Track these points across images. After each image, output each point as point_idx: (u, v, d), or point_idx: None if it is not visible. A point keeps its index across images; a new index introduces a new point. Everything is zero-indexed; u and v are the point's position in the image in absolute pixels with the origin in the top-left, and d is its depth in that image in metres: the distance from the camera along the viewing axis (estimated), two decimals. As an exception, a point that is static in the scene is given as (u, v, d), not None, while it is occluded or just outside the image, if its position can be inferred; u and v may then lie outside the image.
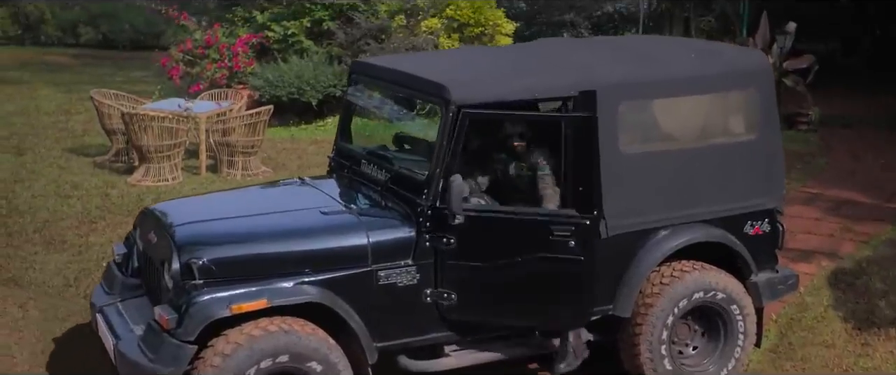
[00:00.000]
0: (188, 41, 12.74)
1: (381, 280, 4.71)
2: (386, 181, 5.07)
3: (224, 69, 12.31)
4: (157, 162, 9.49)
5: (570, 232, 4.62)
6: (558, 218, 4.69)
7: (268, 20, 12.64)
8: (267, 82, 11.94)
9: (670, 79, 5.07)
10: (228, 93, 11.20)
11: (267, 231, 4.76)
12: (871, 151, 11.24)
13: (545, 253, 4.67)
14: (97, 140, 11.09)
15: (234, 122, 9.91)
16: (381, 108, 5.66)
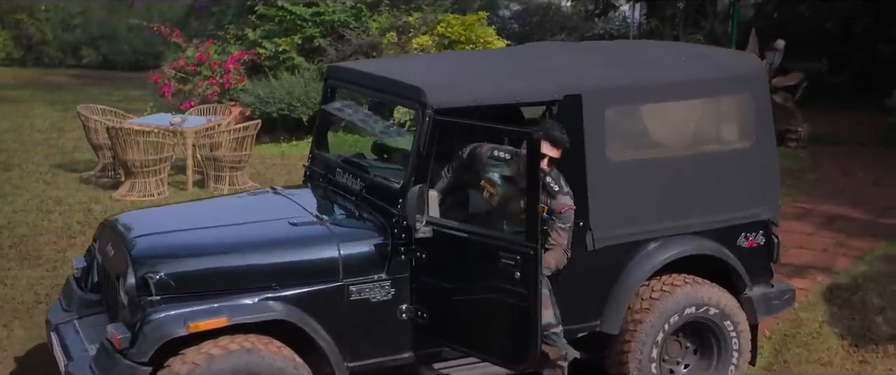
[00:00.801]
0: (181, 58, 12.33)
1: (353, 295, 4.25)
2: (361, 190, 4.63)
3: (215, 86, 11.89)
4: (143, 177, 9.05)
5: (514, 261, 4.03)
6: (506, 244, 4.12)
7: (259, 37, 12.24)
8: (257, 98, 11.54)
9: (660, 83, 4.64)
10: (218, 109, 10.78)
11: (231, 243, 4.31)
12: (861, 167, 10.82)
13: (493, 281, 4.13)
14: (86, 156, 10.66)
15: (222, 137, 9.48)
16: (358, 114, 5.21)
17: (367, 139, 5.37)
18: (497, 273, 4.05)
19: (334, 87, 5.19)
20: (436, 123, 4.20)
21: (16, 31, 20.87)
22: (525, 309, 4.00)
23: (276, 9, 11.96)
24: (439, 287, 4.25)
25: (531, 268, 3.96)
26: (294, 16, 11.86)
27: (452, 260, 4.22)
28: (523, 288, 3.99)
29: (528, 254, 3.96)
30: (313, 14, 11.89)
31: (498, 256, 4.04)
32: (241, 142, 9.49)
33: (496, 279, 4.07)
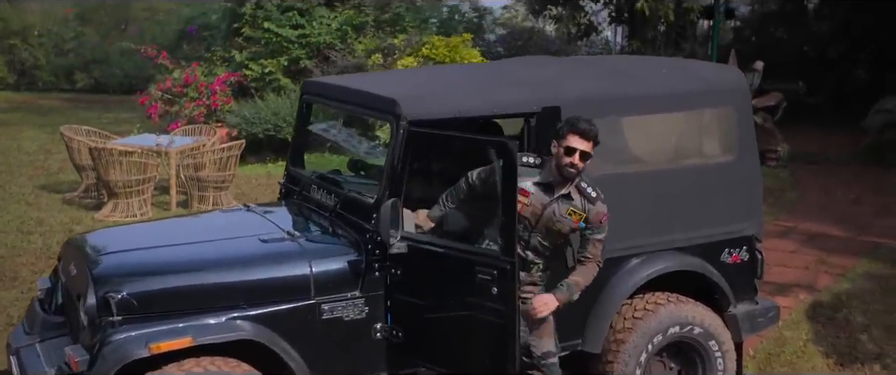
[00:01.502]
0: (168, 80, 12.07)
1: (326, 313, 3.97)
2: (335, 206, 4.36)
3: (202, 107, 11.64)
4: (126, 197, 8.76)
5: (491, 276, 3.75)
6: (482, 258, 3.83)
7: (246, 59, 12.01)
8: (244, 119, 11.29)
9: (641, 95, 4.39)
10: (203, 130, 10.51)
11: (197, 261, 4.02)
12: (841, 186, 10.65)
13: (470, 297, 3.84)
14: (71, 177, 10.35)
15: (206, 157, 9.20)
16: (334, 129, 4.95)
17: (344, 157, 5.08)
18: (473, 288, 3.78)
19: (310, 103, 4.93)
20: (411, 135, 3.94)
21: (9, 56, 20.59)
22: (503, 325, 3.73)
23: (263, 31, 11.74)
24: (415, 304, 3.97)
25: (508, 283, 3.69)
26: (280, 38, 11.64)
27: (428, 277, 3.95)
28: (500, 304, 3.71)
29: (504, 269, 3.69)
30: (299, 36, 11.68)
31: (474, 271, 3.77)
32: (226, 162, 9.22)
33: (473, 295, 3.80)
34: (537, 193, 3.95)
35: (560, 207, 3.96)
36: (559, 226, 3.97)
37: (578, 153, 3.85)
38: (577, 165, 3.86)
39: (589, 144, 3.86)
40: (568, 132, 3.85)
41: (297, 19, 11.79)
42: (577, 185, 3.97)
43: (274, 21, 11.74)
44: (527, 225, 3.95)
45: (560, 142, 3.88)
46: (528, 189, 3.94)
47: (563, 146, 3.86)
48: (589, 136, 3.84)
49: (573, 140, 3.84)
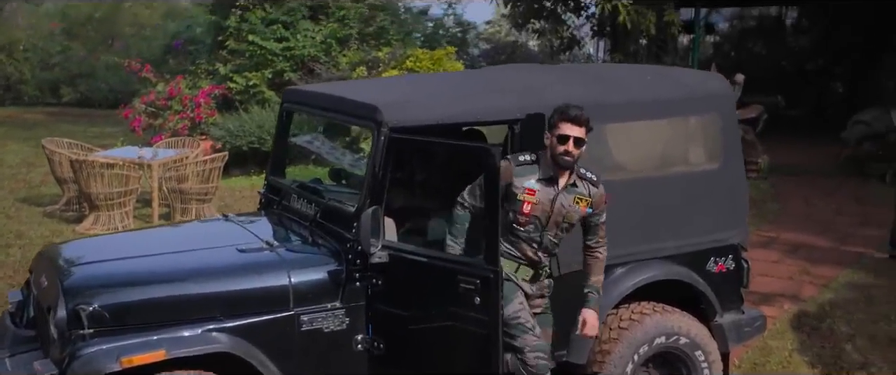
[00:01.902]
0: (151, 93, 11.88)
1: (305, 325, 3.81)
2: (315, 215, 4.20)
3: (186, 120, 11.45)
4: (107, 210, 8.56)
5: (474, 286, 3.60)
6: (465, 267, 3.68)
7: (230, 72, 11.84)
8: (228, 132, 11.11)
9: (626, 102, 4.27)
10: (187, 142, 10.32)
11: (172, 271, 3.85)
12: (822, 197, 10.57)
13: (453, 307, 3.68)
14: (53, 190, 10.12)
15: (189, 169, 9.02)
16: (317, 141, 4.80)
17: (327, 168, 4.93)
18: (456, 299, 3.63)
19: (290, 111, 4.79)
20: (392, 142, 3.80)
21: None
22: (486, 336, 3.58)
23: (247, 44, 11.59)
24: (396, 315, 3.82)
25: (492, 293, 3.54)
26: (265, 50, 11.49)
27: (410, 287, 3.80)
28: (484, 315, 3.56)
29: (488, 278, 3.54)
30: (284, 49, 11.53)
31: (456, 280, 3.62)
32: (208, 174, 9.04)
33: (455, 305, 3.65)
34: (542, 189, 3.82)
35: (566, 197, 3.84)
36: (570, 217, 3.86)
37: (572, 140, 3.72)
38: (572, 152, 3.74)
39: (581, 130, 3.74)
40: (559, 120, 3.74)
41: (281, 32, 11.65)
42: (577, 172, 3.87)
43: (258, 34, 11.59)
44: (538, 224, 3.84)
45: (552, 131, 3.76)
46: (533, 187, 3.81)
47: (556, 135, 3.74)
48: (580, 122, 3.73)
49: (565, 127, 3.72)
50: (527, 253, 3.87)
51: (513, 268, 3.87)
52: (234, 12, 11.71)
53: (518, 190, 3.80)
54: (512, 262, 3.87)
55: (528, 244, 3.86)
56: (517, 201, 3.80)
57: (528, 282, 3.92)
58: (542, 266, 3.94)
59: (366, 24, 11.96)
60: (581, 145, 3.76)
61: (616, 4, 10.62)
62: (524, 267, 3.90)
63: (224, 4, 12.03)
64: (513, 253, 3.88)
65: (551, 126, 3.79)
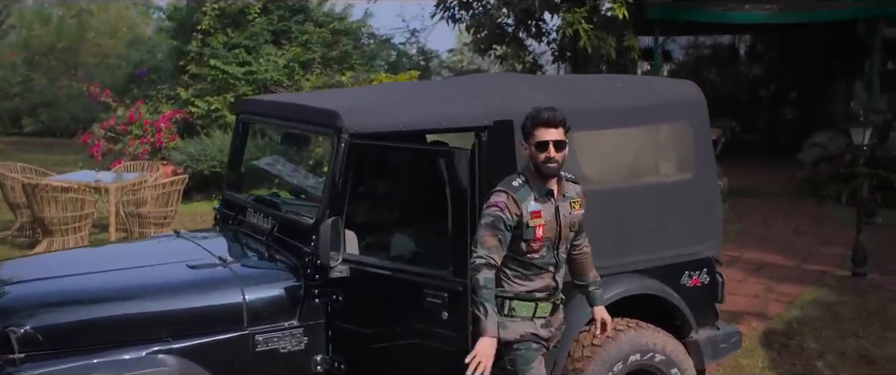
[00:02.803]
0: (111, 118, 11.44)
1: (260, 345, 3.47)
2: (272, 229, 3.87)
3: (146, 145, 11.02)
4: (62, 235, 8.08)
5: (441, 299, 3.31)
6: (431, 280, 3.38)
7: (191, 96, 11.45)
8: (189, 156, 10.71)
9: (595, 109, 4.00)
10: (146, 166, 9.90)
11: (114, 289, 3.49)
12: (781, 218, 10.44)
13: (418, 323, 3.38)
14: (6, 216, 9.60)
15: (147, 192, 8.60)
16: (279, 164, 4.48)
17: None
18: (422, 314, 3.31)
19: (246, 122, 4.46)
20: (352, 149, 3.49)
21: (-47, 102, 19.67)
22: (454, 354, 3.26)
23: (209, 68, 11.22)
24: (358, 333, 3.49)
25: (460, 307, 3.23)
26: (226, 75, 11.13)
27: (372, 302, 3.48)
28: (451, 331, 3.25)
29: (456, 291, 3.23)
30: (246, 73, 11.19)
31: (422, 294, 3.30)
32: (168, 197, 8.62)
33: (421, 321, 3.33)
34: (545, 207, 3.42)
35: (565, 205, 3.50)
36: (574, 225, 3.53)
37: (552, 144, 3.35)
38: (554, 158, 3.35)
39: (559, 131, 3.37)
40: (533, 127, 3.37)
41: (243, 56, 11.31)
42: (562, 177, 3.52)
43: (220, 58, 11.24)
44: (550, 245, 3.44)
45: (528, 141, 3.39)
46: (537, 208, 3.39)
47: (534, 144, 3.37)
48: (555, 123, 3.37)
49: (541, 133, 3.35)
50: (545, 283, 3.45)
51: (530, 311, 3.43)
52: (196, 37, 11.35)
53: (527, 217, 3.36)
54: (528, 304, 3.43)
55: (545, 270, 3.46)
56: (530, 229, 3.37)
57: (548, 318, 3.49)
58: (559, 291, 3.54)
59: (329, 48, 11.68)
60: (562, 148, 3.38)
61: (577, 29, 10.46)
62: (543, 303, 3.47)
63: (185, 29, 11.68)
64: (527, 289, 3.43)
65: (526, 135, 3.40)
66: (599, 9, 11.13)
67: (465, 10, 12.46)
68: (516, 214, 3.33)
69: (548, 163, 3.36)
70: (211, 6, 11.14)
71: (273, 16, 11.48)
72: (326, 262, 3.37)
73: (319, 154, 8.83)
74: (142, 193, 8.56)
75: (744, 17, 11.49)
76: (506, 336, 3.36)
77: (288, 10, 11.64)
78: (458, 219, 3.28)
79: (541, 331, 3.46)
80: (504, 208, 3.31)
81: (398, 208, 4.04)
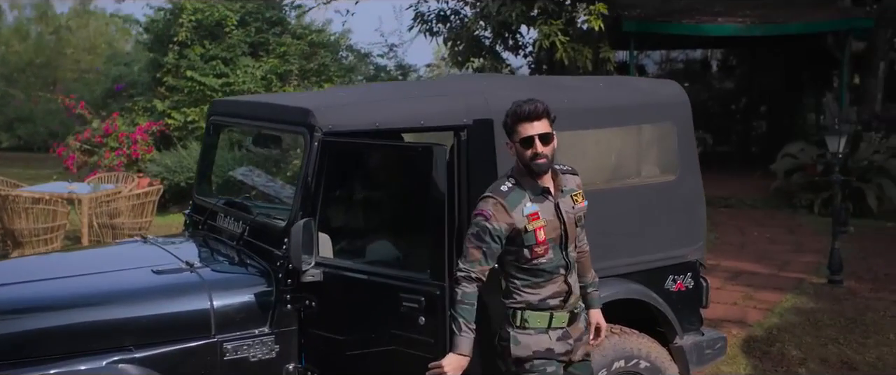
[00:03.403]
0: (87, 130, 11.13)
1: (229, 353, 3.23)
2: (242, 233, 3.63)
3: (122, 157, 10.71)
4: (33, 246, 7.79)
5: (418, 304, 3.07)
6: (407, 283, 3.14)
7: (168, 108, 11.16)
8: (165, 168, 10.41)
9: (578, 108, 3.79)
10: (121, 177, 9.61)
11: (73, 296, 3.24)
12: (755, 227, 10.33)
13: (395, 328, 3.15)
14: (-23, 228, 9.26)
15: (121, 203, 8.32)
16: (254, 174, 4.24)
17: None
18: (399, 319, 3.09)
19: (218, 124, 4.23)
20: (325, 147, 3.27)
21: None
22: (432, 361, 3.04)
23: (186, 80, 10.94)
24: (332, 340, 3.26)
25: (438, 312, 3.01)
26: (203, 86, 10.86)
27: (347, 307, 3.25)
28: (429, 337, 3.03)
29: (433, 295, 3.01)
30: (223, 84, 10.92)
31: (398, 299, 3.08)
32: (142, 208, 8.36)
33: (398, 326, 3.10)
34: (542, 206, 3.12)
35: (566, 201, 3.19)
36: (580, 220, 3.25)
37: (537, 139, 3.05)
38: (543, 153, 3.05)
39: (544, 123, 3.07)
40: (514, 123, 3.08)
41: (221, 68, 11.05)
42: (558, 170, 3.22)
43: (197, 70, 10.97)
44: (557, 247, 3.15)
45: (512, 139, 3.10)
46: (534, 209, 3.09)
47: (518, 141, 3.08)
48: (538, 115, 3.06)
49: (524, 128, 3.05)
50: (557, 288, 3.16)
51: (544, 322, 3.14)
52: (173, 48, 11.09)
53: (523, 222, 3.07)
54: (541, 314, 3.14)
55: (556, 273, 3.16)
56: (529, 234, 3.08)
57: (566, 329, 3.19)
58: (575, 296, 3.24)
59: (307, 60, 11.44)
60: (549, 141, 3.07)
61: (554, 41, 10.32)
62: (559, 313, 3.16)
63: (162, 41, 11.40)
64: (539, 298, 3.14)
65: (509, 133, 3.12)
66: (575, 21, 11.01)
67: (442, 23, 12.29)
68: (508, 223, 3.05)
69: (536, 160, 3.06)
70: (188, 18, 10.88)
71: (250, 28, 11.24)
72: (298, 265, 3.14)
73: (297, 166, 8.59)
74: (116, 204, 8.28)
75: (717, 29, 11.43)
76: (517, 353, 3.11)
77: (266, 23, 11.41)
78: (436, 220, 3.06)
79: (556, 346, 3.15)
80: (490, 217, 3.04)
81: (375, 209, 3.82)
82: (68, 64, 22.02)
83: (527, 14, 10.87)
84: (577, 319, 3.25)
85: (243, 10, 11.44)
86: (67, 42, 22.74)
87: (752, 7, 12.37)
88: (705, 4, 13.01)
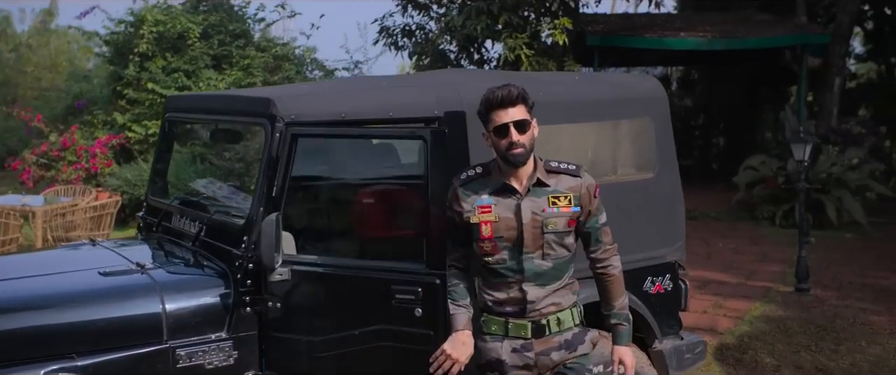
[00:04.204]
0: (44, 144, 10.67)
1: (182, 360, 2.94)
2: (198, 233, 3.34)
3: (81, 171, 10.27)
4: (-17, 260, 7.34)
5: (414, 295, 2.84)
6: (400, 275, 2.92)
7: (128, 121, 10.74)
8: (125, 182, 9.99)
9: (552, 102, 3.56)
10: (78, 190, 9.20)
11: (8, 300, 2.90)
12: (719, 238, 10.23)
13: (385, 324, 2.92)
14: (-73, 243, 8.77)
15: (78, 216, 7.92)
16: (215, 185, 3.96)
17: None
18: (389, 314, 2.82)
19: (174, 121, 3.94)
20: (288, 139, 3.01)
21: None
22: (430, 353, 2.76)
23: (147, 92, 10.56)
24: (302, 343, 2.97)
25: (437, 302, 2.78)
26: (165, 98, 10.46)
27: (322, 307, 2.97)
28: (428, 328, 2.78)
29: (432, 284, 2.79)
30: (185, 97, 10.54)
31: (390, 292, 2.82)
32: (100, 220, 7.96)
33: (387, 321, 2.83)
34: (500, 201, 2.81)
35: (538, 202, 2.81)
36: (554, 225, 2.80)
37: (512, 126, 2.75)
38: (519, 142, 2.75)
39: (519, 109, 2.77)
40: (487, 111, 2.80)
41: (183, 80, 10.68)
42: (544, 166, 2.86)
43: (159, 82, 10.59)
44: (511, 248, 2.80)
45: (487, 128, 2.82)
46: (487, 202, 2.80)
47: (492, 130, 2.79)
48: (512, 100, 2.76)
49: (498, 115, 2.75)
50: (512, 295, 2.81)
51: (501, 329, 2.82)
52: (133, 60, 10.70)
53: (470, 212, 2.80)
54: (497, 320, 2.83)
55: (510, 279, 2.81)
56: (475, 227, 2.79)
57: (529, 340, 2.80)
58: (542, 308, 2.82)
59: (271, 74, 11.12)
60: (526, 128, 2.77)
61: (519, 54, 10.18)
62: (516, 321, 2.81)
63: (123, 53, 11.01)
64: (494, 301, 2.83)
65: (484, 123, 2.84)
66: (540, 35, 10.89)
67: (407, 37, 12.10)
68: (457, 211, 2.83)
69: (512, 150, 2.76)
70: (149, 29, 10.52)
71: (213, 40, 10.90)
72: (271, 264, 2.85)
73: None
74: (72, 217, 7.88)
75: (680, 43, 11.39)
76: (476, 360, 2.82)
77: (229, 35, 11.08)
78: (421, 208, 2.81)
79: (511, 358, 2.81)
80: (449, 203, 2.85)
81: (340, 205, 3.55)
82: (29, 82, 21.34)
83: (492, 28, 10.72)
84: (544, 332, 2.83)
85: (206, 22, 11.11)
86: (27, 60, 22.08)
87: (712, 23, 12.41)
88: (666, 21, 13.02)
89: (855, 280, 7.96)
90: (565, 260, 2.88)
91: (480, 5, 10.37)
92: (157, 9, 10.93)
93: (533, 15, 10.97)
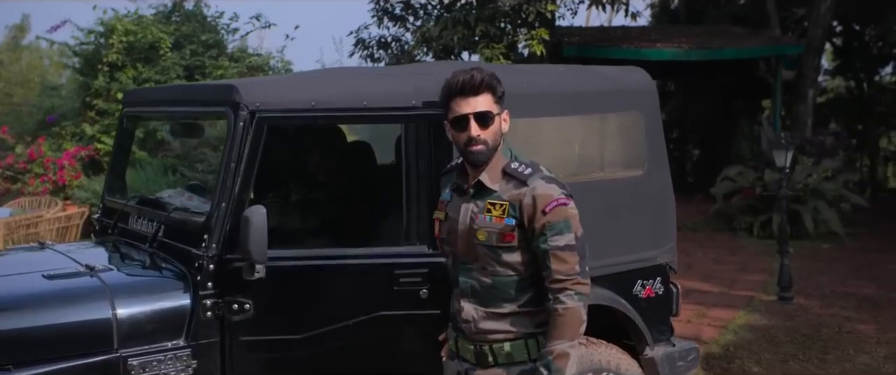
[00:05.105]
0: (9, 156, 10.25)
1: (134, 371, 2.64)
2: (156, 233, 3.04)
3: (48, 183, 9.86)
4: (-59, 273, 6.94)
5: (420, 276, 2.62)
6: (402, 258, 2.70)
7: (98, 132, 10.36)
8: (94, 194, 9.57)
9: (535, 93, 3.31)
10: (43, 202, 8.82)
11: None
12: (699, 249, 10.06)
13: (388, 310, 2.70)
14: None
15: (42, 227, 7.56)
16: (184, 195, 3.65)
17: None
18: (392, 299, 2.64)
19: (133, 116, 3.64)
20: (252, 128, 2.73)
21: None
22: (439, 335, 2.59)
23: (116, 103, 10.19)
24: (278, 347, 2.69)
25: (442, 283, 2.61)
26: (135, 109, 10.11)
27: (306, 305, 2.70)
28: (434, 309, 2.62)
29: (437, 264, 2.64)
30: (156, 108, 10.19)
31: (393, 277, 2.66)
32: (66, 232, 7.62)
33: (392, 307, 2.66)
34: (455, 200, 2.50)
35: (479, 205, 2.43)
36: (484, 237, 2.38)
37: (472, 118, 2.36)
38: (479, 138, 2.36)
39: (483, 99, 2.37)
40: (447, 99, 2.42)
41: (154, 92, 10.33)
42: (503, 169, 2.44)
43: (129, 93, 10.23)
44: (452, 255, 2.49)
45: (448, 118, 2.46)
46: (446, 198, 2.52)
47: (451, 120, 2.42)
48: (476, 87, 2.35)
49: (458, 104, 2.37)
50: (455, 308, 2.46)
51: (453, 346, 2.51)
52: (103, 70, 10.34)
53: (436, 206, 2.57)
54: (453, 336, 2.52)
55: (454, 289, 2.50)
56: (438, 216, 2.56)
57: (472, 367, 2.43)
58: (490, 336, 2.40)
59: (245, 84, 10.79)
60: (489, 122, 2.37)
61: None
62: (462, 342, 2.45)
63: (93, 64, 10.64)
64: (452, 313, 2.52)
65: (445, 112, 2.46)
66: (517, 46, 10.71)
67: (383, 49, 11.88)
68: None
69: (471, 146, 2.37)
70: (119, 39, 10.18)
71: (186, 50, 10.58)
72: (260, 261, 2.56)
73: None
74: (37, 228, 7.53)
75: (656, 53, 11.26)
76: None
77: (202, 46, 10.76)
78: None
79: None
80: None
81: (311, 202, 3.28)
82: (0, 98, 20.84)
83: (469, 39, 10.53)
84: (486, 361, 2.41)
85: (178, 32, 10.78)
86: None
87: (688, 35, 12.33)
88: (642, 33, 12.92)
89: (837, 288, 7.80)
90: (512, 279, 2.40)
91: (457, 16, 10.18)
92: (127, 18, 10.59)
93: (509, 26, 10.80)
